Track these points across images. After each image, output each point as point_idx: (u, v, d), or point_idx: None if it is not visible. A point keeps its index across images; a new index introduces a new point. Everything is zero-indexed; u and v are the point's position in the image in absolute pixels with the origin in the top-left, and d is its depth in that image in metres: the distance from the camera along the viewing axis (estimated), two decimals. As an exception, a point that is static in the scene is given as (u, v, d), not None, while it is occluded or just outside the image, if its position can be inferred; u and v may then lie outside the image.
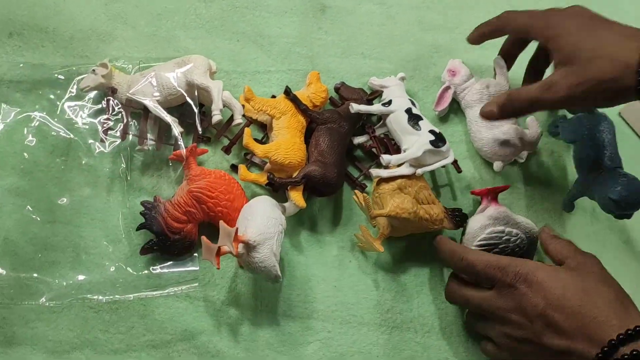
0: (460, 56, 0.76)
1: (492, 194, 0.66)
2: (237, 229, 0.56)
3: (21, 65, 0.67)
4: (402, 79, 0.71)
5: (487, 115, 0.61)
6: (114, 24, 0.71)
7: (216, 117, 0.64)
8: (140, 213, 0.62)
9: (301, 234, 0.67)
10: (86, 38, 0.70)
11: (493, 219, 0.63)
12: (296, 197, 0.64)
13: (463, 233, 0.65)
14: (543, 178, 0.73)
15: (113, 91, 0.65)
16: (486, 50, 0.71)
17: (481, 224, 0.63)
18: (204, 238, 0.57)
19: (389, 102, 0.67)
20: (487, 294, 0.56)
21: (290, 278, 0.65)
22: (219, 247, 0.56)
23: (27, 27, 0.70)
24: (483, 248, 0.63)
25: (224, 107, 0.65)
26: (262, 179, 0.65)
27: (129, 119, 0.65)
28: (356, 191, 0.63)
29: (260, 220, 0.59)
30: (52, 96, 0.67)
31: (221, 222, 0.57)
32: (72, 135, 0.66)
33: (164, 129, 0.67)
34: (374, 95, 0.70)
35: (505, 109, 0.59)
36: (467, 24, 0.75)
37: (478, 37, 0.66)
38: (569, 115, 0.71)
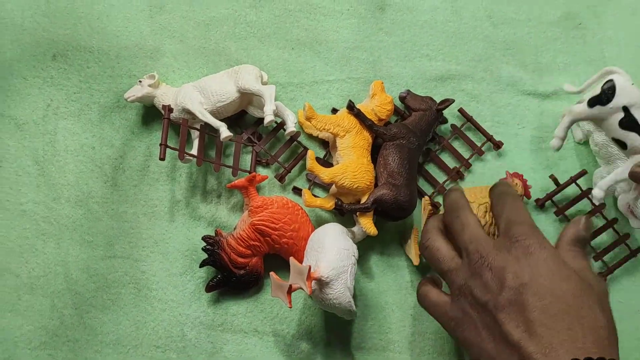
0: (533, 52, 0.69)
1: None
2: (309, 267, 0.51)
3: (75, 93, 0.64)
4: None
5: (635, 177, 0.54)
6: (160, 38, 0.66)
7: (268, 117, 0.59)
8: (203, 249, 0.59)
9: (371, 258, 0.63)
10: (133, 56, 0.65)
11: None
12: (366, 224, 0.59)
13: None
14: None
15: (170, 109, 0.60)
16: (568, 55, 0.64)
17: None
18: (273, 275, 0.53)
19: None
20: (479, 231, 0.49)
21: (363, 307, 0.61)
22: (290, 285, 0.52)
23: (71, 48, 0.65)
24: None
25: (275, 115, 0.61)
26: (328, 204, 0.60)
27: (186, 138, 0.61)
28: (425, 198, 0.60)
29: (332, 253, 0.55)
30: (100, 117, 0.64)
31: (292, 260, 0.53)
32: (124, 162, 0.63)
33: (222, 149, 0.63)
34: (445, 104, 0.64)
35: None
36: (541, 15, 0.70)
37: None
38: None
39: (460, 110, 0.66)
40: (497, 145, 0.66)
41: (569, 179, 0.64)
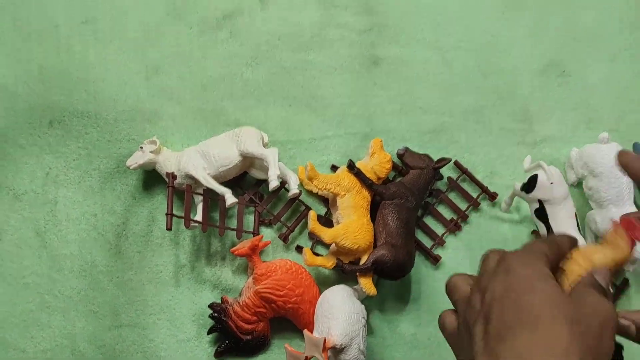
0: (522, 101, 0.71)
1: None
2: (324, 339, 0.52)
3: (74, 160, 0.64)
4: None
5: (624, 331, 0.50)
6: (158, 100, 0.66)
7: (273, 182, 0.60)
8: (210, 316, 0.59)
9: (374, 314, 0.64)
10: (131, 119, 0.65)
11: None
12: (366, 284, 0.60)
13: None
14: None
15: (174, 177, 0.60)
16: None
17: None
18: (288, 347, 0.54)
19: None
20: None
21: (369, 363, 0.63)
22: (306, 357, 0.53)
23: (67, 114, 0.65)
24: None
25: (278, 177, 0.61)
26: (329, 263, 0.61)
27: (191, 204, 0.61)
28: None
29: (343, 319, 0.56)
30: (101, 183, 0.64)
31: (306, 332, 0.53)
32: (126, 228, 0.62)
33: (225, 212, 0.63)
34: (442, 163, 0.65)
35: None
36: (527, 64, 0.72)
37: None
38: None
39: (456, 163, 0.68)
40: (492, 197, 0.68)
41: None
